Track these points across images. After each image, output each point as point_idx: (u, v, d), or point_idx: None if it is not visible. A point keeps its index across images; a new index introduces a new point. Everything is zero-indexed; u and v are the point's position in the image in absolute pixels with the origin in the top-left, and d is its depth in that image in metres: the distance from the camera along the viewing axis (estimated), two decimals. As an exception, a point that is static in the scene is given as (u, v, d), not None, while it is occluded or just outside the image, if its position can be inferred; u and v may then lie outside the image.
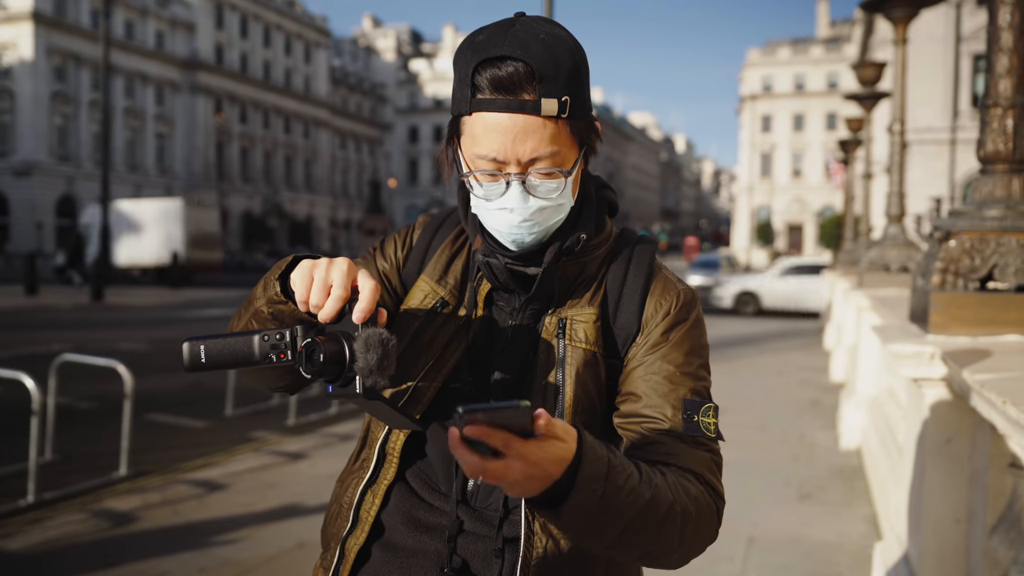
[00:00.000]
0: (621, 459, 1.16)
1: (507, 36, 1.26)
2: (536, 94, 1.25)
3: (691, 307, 1.45)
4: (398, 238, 1.61)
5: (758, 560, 4.95)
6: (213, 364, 1.25)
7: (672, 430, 1.35)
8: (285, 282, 1.36)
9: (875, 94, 13.50)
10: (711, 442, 1.38)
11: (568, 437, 1.07)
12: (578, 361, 1.39)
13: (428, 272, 1.53)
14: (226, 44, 74.83)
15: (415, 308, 1.50)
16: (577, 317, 1.42)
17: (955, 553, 3.21)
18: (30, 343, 14.52)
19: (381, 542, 1.45)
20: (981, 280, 3.50)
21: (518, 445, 1.02)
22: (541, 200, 1.33)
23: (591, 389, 1.40)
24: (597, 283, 1.46)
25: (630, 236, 1.54)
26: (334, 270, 1.23)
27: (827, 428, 8.60)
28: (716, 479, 1.36)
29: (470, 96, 1.29)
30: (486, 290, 1.47)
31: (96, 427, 8.21)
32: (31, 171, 56.96)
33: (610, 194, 1.53)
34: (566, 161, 1.32)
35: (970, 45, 36.93)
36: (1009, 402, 2.21)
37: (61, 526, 5.32)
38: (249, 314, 1.41)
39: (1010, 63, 3.52)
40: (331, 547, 1.50)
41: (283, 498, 5.96)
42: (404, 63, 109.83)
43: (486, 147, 1.30)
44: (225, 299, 28.83)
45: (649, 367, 1.40)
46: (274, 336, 1.23)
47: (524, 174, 1.31)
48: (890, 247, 9.54)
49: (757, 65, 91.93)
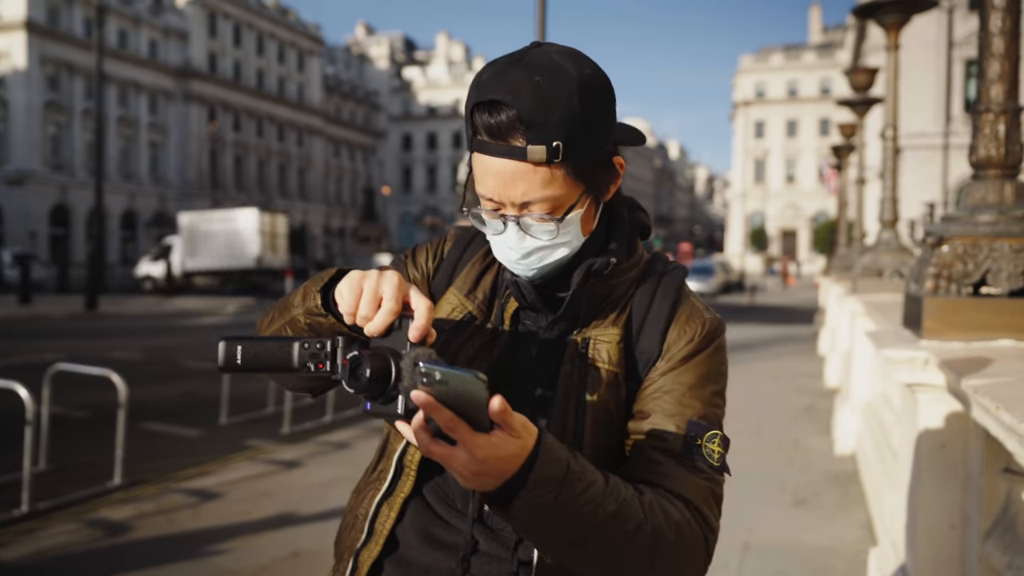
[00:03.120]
0: (585, 467, 1.14)
1: (504, 78, 1.25)
2: (524, 140, 1.24)
3: (714, 336, 1.43)
4: (430, 248, 1.61)
5: (753, 566, 4.95)
6: (248, 366, 1.23)
7: (671, 451, 1.33)
8: (326, 295, 1.34)
9: (868, 100, 13.55)
10: (712, 471, 1.34)
11: (526, 434, 1.06)
12: (600, 381, 1.38)
13: (457, 285, 1.53)
14: (219, 53, 74.75)
15: (442, 320, 1.49)
16: (601, 337, 1.41)
17: (950, 558, 3.21)
18: (24, 352, 14.48)
19: (394, 557, 1.44)
20: (974, 285, 3.51)
21: (465, 434, 1.01)
22: (537, 240, 1.33)
23: (611, 410, 1.39)
24: (623, 305, 1.45)
25: (661, 261, 1.52)
26: (385, 283, 1.22)
27: (822, 433, 8.61)
28: (710, 511, 1.32)
29: (471, 135, 1.30)
30: (513, 307, 1.46)
31: (90, 436, 8.19)
32: (24, 180, 56.78)
33: (642, 216, 1.51)
34: (562, 205, 1.31)
35: (962, 50, 37.10)
36: (1002, 407, 2.22)
37: (55, 536, 5.30)
38: (284, 320, 1.40)
39: (1002, 69, 3.53)
40: (344, 558, 1.49)
41: (278, 507, 5.94)
42: (398, 71, 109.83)
43: (484, 188, 1.31)
44: (218, 307, 28.79)
45: (661, 386, 1.38)
46: (315, 345, 1.21)
47: (519, 216, 1.31)
48: (883, 252, 9.57)
49: (750, 71, 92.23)
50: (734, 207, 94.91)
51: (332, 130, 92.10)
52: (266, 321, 1.48)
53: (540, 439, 1.08)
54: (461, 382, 0.99)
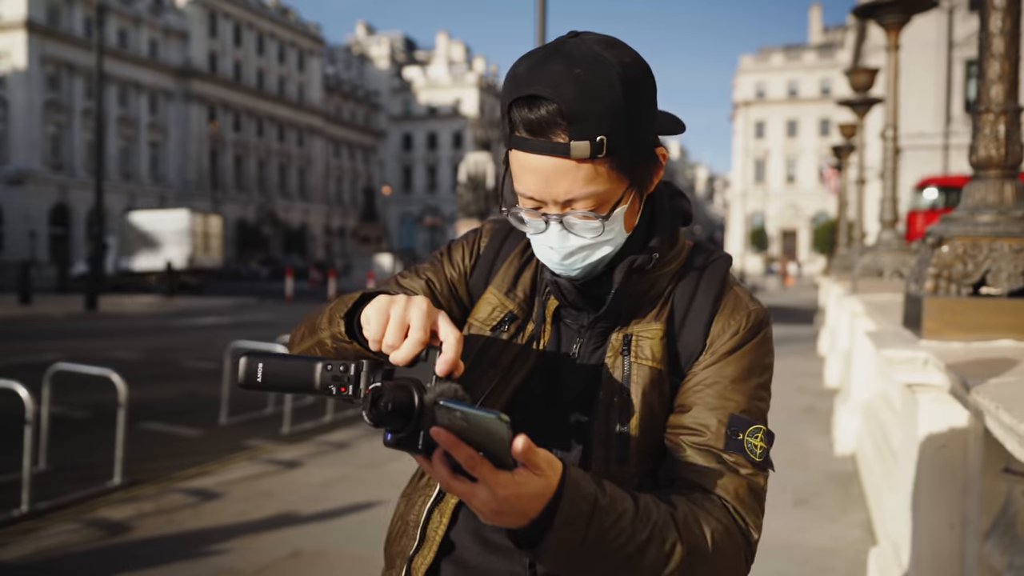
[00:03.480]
0: (614, 497, 1.11)
1: (542, 71, 1.20)
2: (567, 136, 1.19)
3: (760, 327, 1.40)
4: (466, 245, 1.57)
5: (754, 566, 4.94)
6: (269, 385, 1.20)
7: (711, 447, 1.30)
8: (351, 319, 1.30)
9: (868, 100, 13.55)
10: (754, 467, 1.31)
11: (551, 471, 1.03)
12: (644, 379, 1.35)
13: (496, 284, 1.49)
14: (220, 52, 74.84)
15: (483, 321, 1.46)
16: (643, 333, 1.37)
17: (950, 558, 3.21)
18: (24, 352, 14.47)
19: (451, 559, 1.42)
20: (974, 285, 3.51)
21: (487, 472, 0.98)
22: (581, 239, 1.28)
23: (656, 408, 1.35)
24: (665, 298, 1.41)
25: (704, 250, 1.47)
26: (413, 310, 1.17)
27: (822, 434, 8.61)
28: (750, 512, 1.29)
29: (509, 132, 1.25)
30: (554, 305, 1.43)
31: (90, 436, 8.18)
32: (24, 180, 56.85)
33: (684, 203, 1.46)
34: (608, 201, 1.27)
35: (962, 51, 37.09)
36: (1002, 407, 2.22)
37: (55, 536, 5.30)
38: (313, 341, 1.36)
39: (1002, 69, 3.53)
40: (396, 564, 1.47)
41: (278, 507, 5.94)
42: (398, 71, 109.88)
43: (523, 186, 1.27)
44: (218, 307, 28.80)
45: (703, 379, 1.35)
46: (338, 367, 1.16)
47: (562, 214, 1.27)
48: (883, 252, 9.58)
49: (750, 71, 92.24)
50: (734, 207, 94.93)
51: (332, 130, 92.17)
52: (297, 337, 1.44)
53: (565, 476, 1.05)
54: (482, 422, 0.96)
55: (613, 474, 1.31)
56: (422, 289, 1.51)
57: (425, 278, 1.53)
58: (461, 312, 1.52)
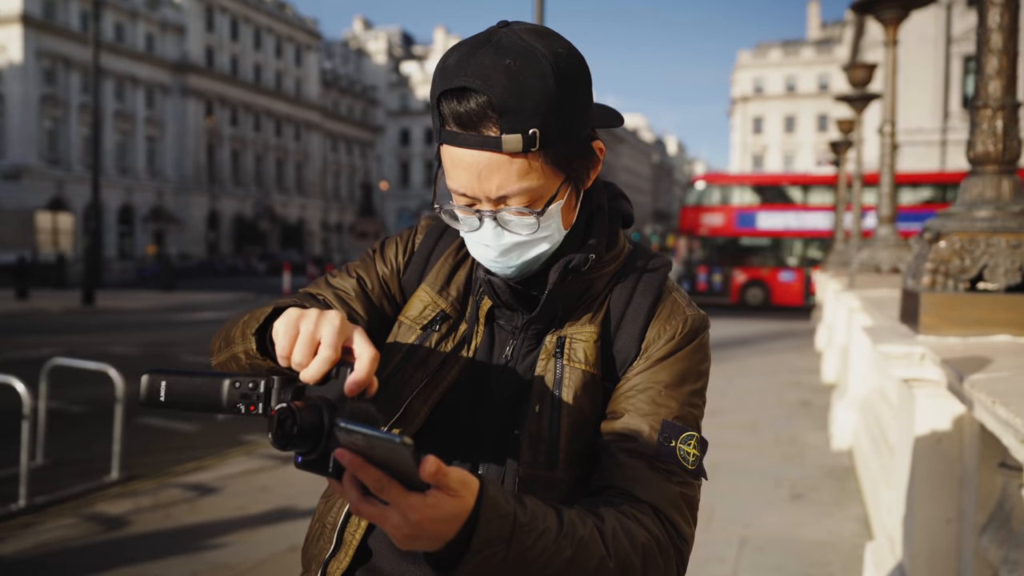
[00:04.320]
0: (535, 515, 1.05)
1: (472, 62, 1.15)
2: (498, 129, 1.15)
3: (696, 334, 1.36)
4: (400, 241, 1.52)
5: (750, 561, 4.96)
6: (173, 403, 1.11)
7: (644, 453, 1.25)
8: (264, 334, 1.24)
9: (866, 95, 13.54)
10: (687, 475, 1.27)
11: (465, 491, 0.96)
12: (576, 383, 1.31)
13: (429, 281, 1.45)
14: (216, 47, 74.63)
15: (414, 319, 1.42)
16: (577, 336, 1.34)
17: (946, 553, 3.22)
18: (21, 347, 14.47)
19: (366, 567, 1.36)
20: (971, 281, 3.52)
21: (396, 495, 0.92)
22: (516, 235, 1.25)
23: (588, 412, 1.32)
24: (601, 301, 1.37)
25: (643, 253, 1.43)
26: (324, 325, 1.09)
27: (818, 429, 8.62)
28: (683, 519, 1.25)
29: (439, 126, 1.20)
30: (488, 306, 1.39)
31: (87, 431, 8.19)
32: (21, 174, 56.68)
33: (624, 205, 1.43)
34: (542, 196, 1.23)
35: (960, 46, 37.07)
36: (999, 402, 2.22)
37: (53, 530, 5.30)
38: (228, 355, 1.30)
39: (1000, 64, 3.54)
40: (312, 568, 1.41)
41: (275, 501, 5.95)
42: (395, 65, 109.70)
43: (455, 182, 1.22)
44: (216, 302, 28.77)
45: (635, 384, 1.31)
46: (246, 384, 1.09)
47: (495, 211, 1.23)
48: (881, 248, 9.57)
49: (748, 67, 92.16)
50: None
51: (330, 125, 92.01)
52: (215, 347, 1.36)
53: (482, 495, 0.99)
54: (384, 446, 0.89)
55: (541, 479, 1.28)
56: (353, 288, 1.46)
57: (356, 276, 1.48)
58: (393, 310, 1.47)
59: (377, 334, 1.44)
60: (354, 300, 1.45)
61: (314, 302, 1.43)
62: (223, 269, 59.97)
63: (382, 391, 1.30)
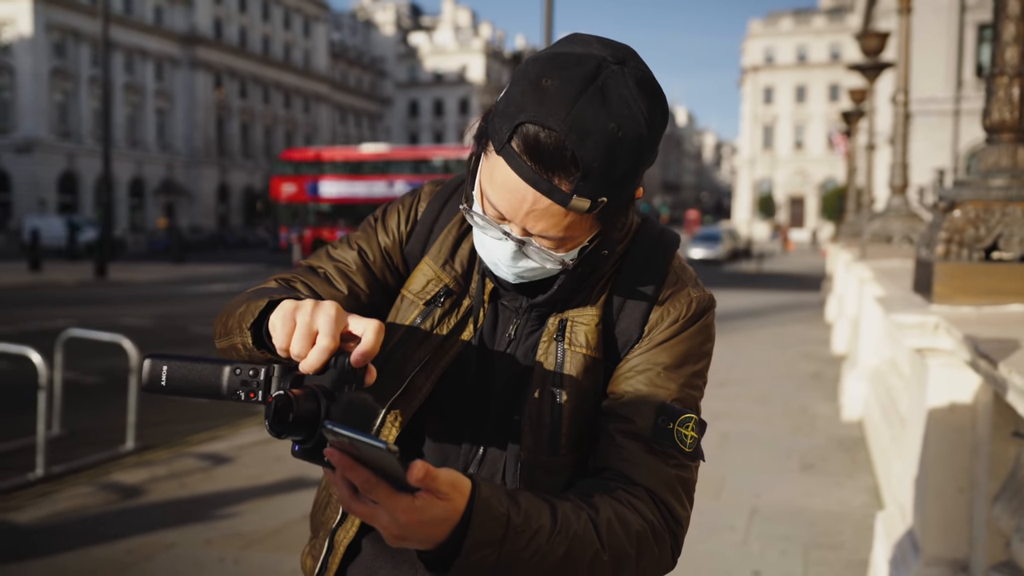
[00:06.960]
0: (528, 513, 1.04)
1: (575, 108, 1.08)
2: (570, 186, 1.10)
3: (700, 315, 1.33)
4: (402, 209, 1.47)
5: (760, 530, 4.99)
6: (174, 389, 1.11)
7: (640, 435, 1.23)
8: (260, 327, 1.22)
9: (878, 64, 13.43)
10: (684, 457, 1.25)
11: (456, 494, 0.95)
12: (577, 367, 1.29)
13: (432, 254, 1.41)
14: (225, 19, 74.27)
15: (416, 293, 1.39)
16: (579, 319, 1.31)
17: (957, 522, 3.24)
18: (36, 319, 14.58)
19: (373, 535, 1.36)
20: (986, 250, 3.50)
21: (384, 497, 0.91)
22: (532, 262, 1.22)
23: (589, 397, 1.30)
24: (605, 281, 1.34)
25: (650, 229, 1.39)
26: (320, 315, 1.07)
27: (829, 400, 8.63)
28: (678, 502, 1.24)
29: (505, 136, 1.12)
30: (492, 285, 1.36)
31: (102, 401, 8.26)
32: (32, 148, 56.78)
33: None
34: (576, 240, 1.21)
35: (975, 14, 36.65)
36: (1015, 371, 2.22)
37: (70, 499, 5.36)
38: (228, 343, 1.27)
39: (1017, 31, 3.50)
40: (320, 535, 1.43)
41: (289, 471, 5.99)
42: (403, 37, 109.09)
43: (496, 199, 1.17)
44: (227, 274, 28.87)
45: (635, 365, 1.29)
46: (247, 371, 1.09)
47: (523, 240, 1.19)
48: (893, 219, 9.54)
49: (759, 36, 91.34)
50: (742, 174, 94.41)
51: (338, 97, 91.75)
52: (217, 330, 1.33)
53: (474, 497, 0.98)
54: (370, 451, 0.88)
55: (543, 464, 1.28)
56: (354, 260, 1.43)
57: (357, 248, 1.45)
58: (396, 281, 1.45)
59: (380, 307, 1.42)
60: (355, 273, 1.42)
61: (314, 275, 1.42)
62: (234, 241, 60.00)
63: (385, 366, 1.29)
